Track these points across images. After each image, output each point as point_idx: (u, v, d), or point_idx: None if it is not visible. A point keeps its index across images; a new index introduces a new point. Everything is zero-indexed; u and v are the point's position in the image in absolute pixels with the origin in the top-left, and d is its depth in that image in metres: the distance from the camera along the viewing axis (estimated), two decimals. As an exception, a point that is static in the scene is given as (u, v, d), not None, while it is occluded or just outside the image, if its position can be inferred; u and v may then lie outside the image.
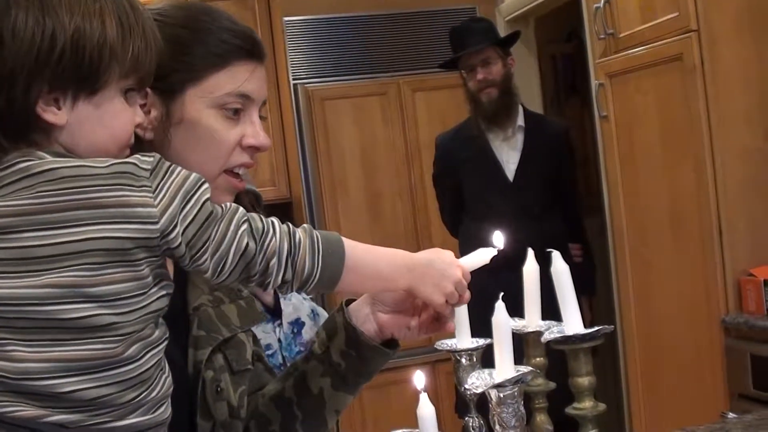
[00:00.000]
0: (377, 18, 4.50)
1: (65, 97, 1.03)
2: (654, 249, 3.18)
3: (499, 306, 1.19)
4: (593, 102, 3.44)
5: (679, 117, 2.91)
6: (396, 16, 4.52)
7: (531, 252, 1.35)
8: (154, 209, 1.00)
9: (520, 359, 1.27)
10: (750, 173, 2.80)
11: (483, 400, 1.27)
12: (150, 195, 1.00)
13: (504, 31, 4.10)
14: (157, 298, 1.03)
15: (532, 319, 1.37)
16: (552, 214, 3.62)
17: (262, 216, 1.07)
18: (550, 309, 1.32)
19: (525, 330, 1.37)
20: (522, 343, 1.38)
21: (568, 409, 1.26)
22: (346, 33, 4.45)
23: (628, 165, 3.27)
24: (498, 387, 1.18)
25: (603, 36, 3.26)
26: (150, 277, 1.02)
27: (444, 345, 1.37)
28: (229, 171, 1.25)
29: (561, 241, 3.54)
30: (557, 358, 1.37)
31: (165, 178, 1.02)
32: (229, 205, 1.06)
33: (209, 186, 1.05)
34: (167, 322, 1.08)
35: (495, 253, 1.23)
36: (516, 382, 1.18)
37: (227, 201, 1.10)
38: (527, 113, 3.70)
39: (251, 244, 1.04)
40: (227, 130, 1.23)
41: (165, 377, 1.07)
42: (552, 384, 1.40)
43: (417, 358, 3.57)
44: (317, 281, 1.08)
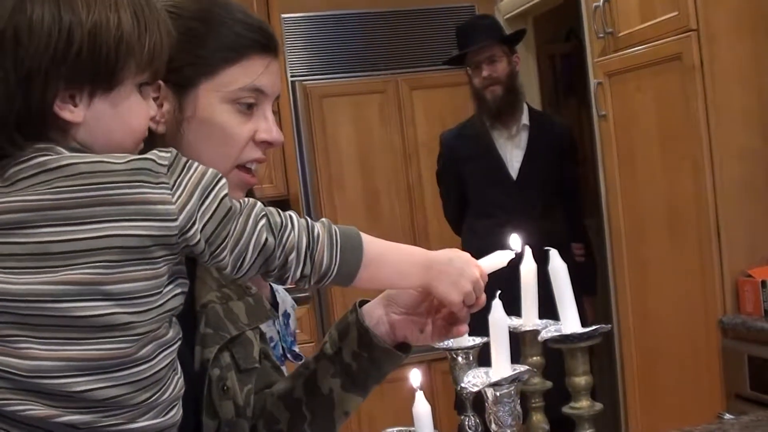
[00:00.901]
0: (375, 15, 4.49)
1: (81, 94, 1.02)
2: (651, 249, 3.17)
3: (496, 304, 1.19)
4: (592, 101, 3.43)
5: (678, 117, 2.90)
6: (394, 13, 4.51)
7: (528, 250, 1.34)
8: (172, 206, 0.99)
9: (516, 358, 1.26)
10: (748, 173, 2.80)
11: (479, 398, 1.26)
12: (168, 192, 0.99)
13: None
14: (173, 296, 1.02)
15: (529, 318, 1.36)
16: (554, 212, 3.63)
17: (279, 210, 1.06)
18: (549, 308, 1.31)
19: (522, 328, 1.36)
20: (519, 342, 1.37)
21: (565, 409, 1.26)
22: (344, 30, 4.44)
23: (626, 164, 3.26)
24: (494, 386, 1.17)
25: (602, 35, 3.25)
26: (167, 276, 1.01)
27: (441, 343, 1.36)
28: (241, 166, 1.24)
29: (563, 240, 3.54)
30: (554, 357, 1.36)
31: (183, 174, 1.01)
32: (248, 200, 1.05)
33: (227, 182, 1.04)
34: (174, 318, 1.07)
35: (512, 256, 1.22)
36: (512, 380, 1.17)
37: (239, 197, 1.09)
38: (532, 112, 3.71)
39: (270, 238, 1.03)
40: (240, 124, 1.21)
41: (177, 378, 1.06)
42: (548, 383, 1.40)
43: (413, 356, 3.60)
44: (335, 275, 1.08)
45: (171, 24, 1.11)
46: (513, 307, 1.31)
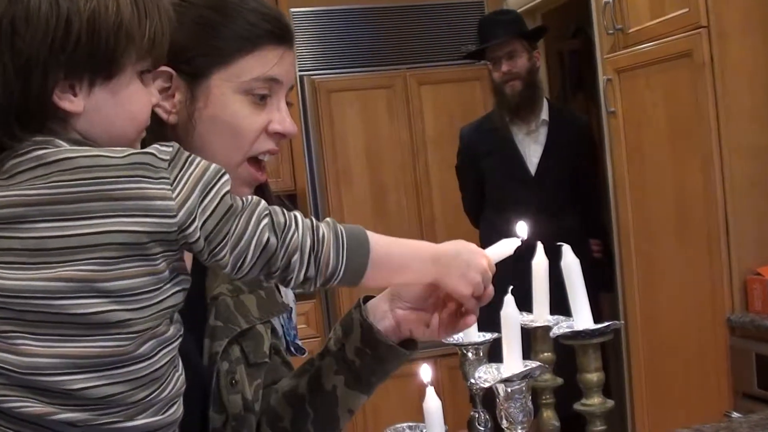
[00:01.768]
0: (384, 10, 4.48)
1: (81, 84, 1.00)
2: (660, 246, 3.16)
3: (509, 299, 1.18)
4: (601, 98, 3.43)
5: (688, 114, 2.89)
6: (403, 8, 4.50)
7: (540, 246, 1.33)
8: (171, 202, 0.96)
9: (527, 354, 1.25)
10: (757, 171, 2.78)
11: (487, 394, 1.26)
12: (168, 187, 0.96)
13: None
14: (173, 293, 1.00)
15: (540, 314, 1.36)
16: (572, 208, 3.63)
17: (284, 210, 1.03)
18: (562, 304, 1.31)
19: (533, 324, 1.36)
20: (529, 338, 1.36)
21: (576, 406, 1.25)
22: (352, 25, 4.44)
23: (635, 161, 3.25)
24: (506, 382, 1.16)
25: (612, 31, 3.24)
26: (166, 272, 0.98)
27: (450, 339, 1.35)
28: (253, 159, 1.22)
29: (580, 236, 3.54)
30: (564, 353, 1.36)
31: (184, 169, 0.98)
32: (251, 198, 1.02)
33: (229, 178, 1.01)
34: (184, 310, 1.04)
35: (519, 244, 1.21)
36: (524, 377, 1.17)
37: (246, 194, 1.06)
38: (551, 107, 3.71)
39: (272, 238, 1.00)
40: (254, 115, 1.20)
41: (178, 375, 1.04)
42: (559, 380, 1.39)
43: (419, 352, 3.58)
44: (342, 277, 1.04)
45: (182, 13, 1.10)
46: (524, 303, 1.30)
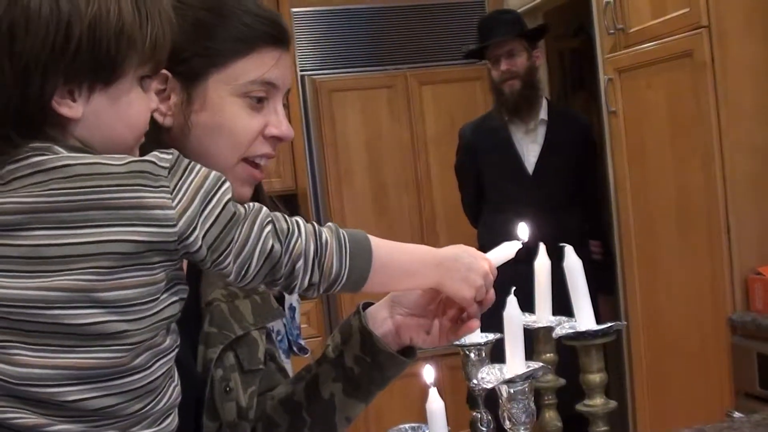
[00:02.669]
0: (385, 10, 4.49)
1: (80, 89, 0.97)
2: (661, 246, 3.16)
3: (511, 300, 1.18)
4: (602, 97, 3.43)
5: (689, 113, 2.89)
6: (404, 8, 4.51)
7: (542, 246, 1.33)
8: (171, 211, 0.94)
9: (529, 355, 1.25)
10: (759, 170, 2.79)
11: (490, 395, 1.26)
12: (168, 196, 0.94)
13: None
14: (170, 303, 0.98)
15: (542, 315, 1.36)
16: (571, 208, 3.62)
17: (286, 216, 1.02)
18: (563, 305, 1.31)
19: (536, 325, 1.36)
20: (532, 339, 1.36)
21: (578, 406, 1.25)
22: (353, 25, 4.44)
23: (636, 161, 3.25)
24: (509, 382, 1.16)
25: (613, 31, 3.24)
26: (164, 282, 0.97)
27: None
28: (250, 161, 1.20)
29: (579, 236, 3.54)
30: (567, 354, 1.36)
31: (184, 177, 0.96)
32: (253, 205, 1.00)
33: (230, 185, 1.00)
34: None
35: (520, 246, 1.20)
36: (527, 377, 1.17)
37: (246, 192, 1.05)
38: (551, 107, 3.71)
39: (276, 245, 0.99)
40: (250, 118, 1.18)
41: (174, 386, 1.02)
42: (562, 380, 1.39)
43: (421, 352, 3.59)
44: (345, 282, 1.03)
45: (178, 14, 1.08)
46: (526, 304, 1.30)
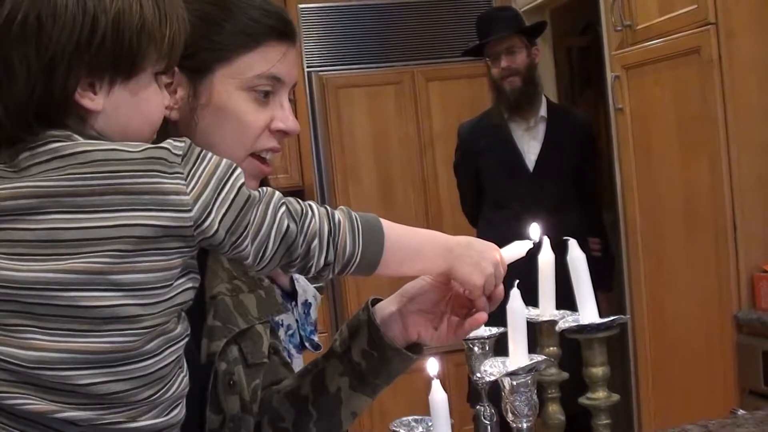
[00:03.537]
0: (392, 6, 4.49)
1: (102, 82, 1.00)
2: (667, 243, 3.16)
3: (515, 293, 1.18)
4: (608, 94, 3.43)
5: (696, 111, 2.89)
6: (411, 4, 4.51)
7: (546, 241, 1.34)
8: (186, 197, 0.96)
9: (533, 348, 1.26)
10: (765, 168, 2.78)
11: (495, 390, 1.26)
12: (183, 182, 0.96)
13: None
14: (183, 290, 1.00)
15: (546, 308, 1.36)
16: (571, 206, 3.61)
17: (298, 199, 1.04)
18: (565, 299, 1.31)
19: (539, 319, 1.36)
20: (535, 333, 1.37)
21: (581, 400, 1.26)
22: (360, 21, 4.44)
23: (642, 158, 3.25)
24: (511, 375, 1.17)
25: (620, 28, 3.24)
26: (179, 268, 0.98)
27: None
28: (256, 155, 1.21)
29: (579, 234, 3.49)
30: (570, 347, 1.36)
31: (197, 164, 0.98)
32: (266, 190, 1.02)
33: (242, 171, 1.01)
34: None
35: (531, 246, 1.20)
36: (530, 370, 1.17)
37: (253, 186, 1.06)
38: (550, 104, 3.70)
39: (292, 225, 1.01)
40: (256, 113, 1.19)
41: (182, 376, 1.03)
42: (565, 374, 1.39)
43: (426, 349, 3.60)
44: (358, 262, 1.05)
45: (186, 8, 1.08)
46: (530, 298, 1.31)
